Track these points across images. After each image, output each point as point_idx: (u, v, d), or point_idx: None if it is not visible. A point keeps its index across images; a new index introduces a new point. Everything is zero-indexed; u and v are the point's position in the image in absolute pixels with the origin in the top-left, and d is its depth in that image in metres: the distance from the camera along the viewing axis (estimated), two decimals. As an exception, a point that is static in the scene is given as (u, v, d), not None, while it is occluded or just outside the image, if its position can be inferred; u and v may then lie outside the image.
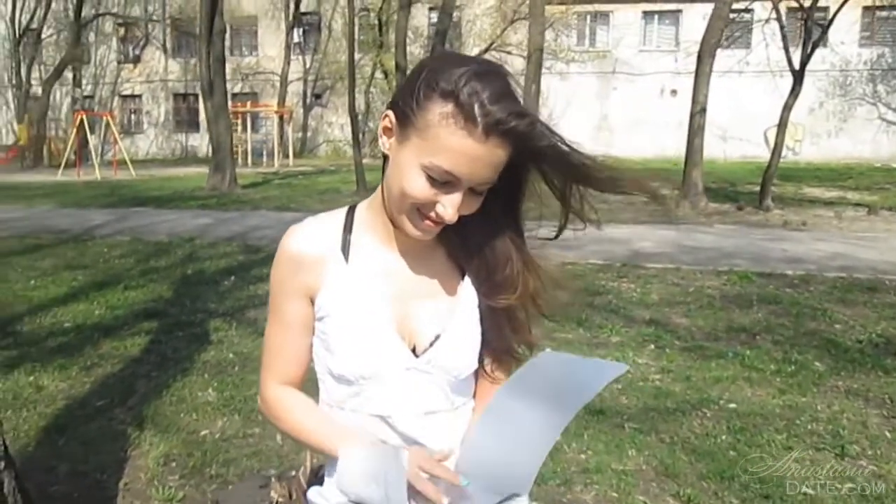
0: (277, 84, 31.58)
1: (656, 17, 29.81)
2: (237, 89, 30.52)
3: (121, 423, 3.40)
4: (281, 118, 28.44)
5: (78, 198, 14.53)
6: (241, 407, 3.63)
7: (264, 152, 26.92)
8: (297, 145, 30.56)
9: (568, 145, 1.09)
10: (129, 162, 21.28)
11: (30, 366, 4.20)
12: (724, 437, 3.38)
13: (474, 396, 1.27)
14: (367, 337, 1.15)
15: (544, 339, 4.22)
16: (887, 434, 3.43)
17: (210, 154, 16.78)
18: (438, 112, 1.01)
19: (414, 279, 1.20)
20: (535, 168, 1.13)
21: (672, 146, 21.20)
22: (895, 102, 28.18)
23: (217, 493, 1.88)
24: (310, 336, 1.23)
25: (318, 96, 33.13)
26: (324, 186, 17.04)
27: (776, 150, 13.12)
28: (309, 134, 33.16)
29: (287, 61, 31.20)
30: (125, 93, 34.42)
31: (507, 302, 1.19)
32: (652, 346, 4.79)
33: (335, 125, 32.89)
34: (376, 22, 28.22)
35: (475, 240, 1.19)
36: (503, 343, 1.23)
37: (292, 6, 31.40)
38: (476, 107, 0.99)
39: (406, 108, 1.05)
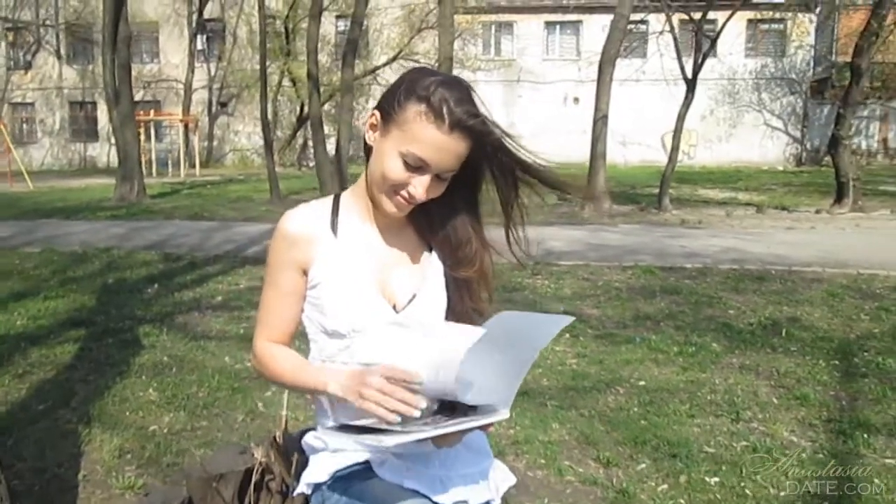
0: (181, 92, 30.88)
1: (558, 27, 30.87)
2: (139, 97, 29.43)
3: (68, 422, 3.47)
4: (186, 127, 27.84)
5: (-26, 211, 13.91)
6: (186, 404, 3.75)
7: (169, 162, 26.26)
8: (203, 154, 29.93)
9: (513, 141, 1.40)
10: (25, 173, 20.37)
11: (-42, 376, 4.17)
12: (635, 410, 3.76)
13: None
14: (356, 297, 1.41)
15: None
16: (774, 400, 3.90)
17: (111, 164, 16.35)
18: (415, 111, 1.32)
19: (390, 251, 1.49)
20: (486, 165, 1.43)
21: (576, 152, 22.10)
22: (778, 109, 30.17)
23: (205, 458, 2.06)
24: (300, 303, 1.48)
25: (223, 104, 32.54)
26: (235, 195, 16.88)
27: (673, 154, 13.96)
28: (215, 143, 32.50)
29: (191, 69, 30.56)
30: (16, 100, 32.77)
31: (466, 274, 1.49)
32: (567, 335, 5.14)
33: (242, 134, 32.39)
34: (283, 30, 28.05)
35: (439, 221, 1.49)
36: (462, 307, 1.52)
37: (195, 13, 30.82)
38: (444, 107, 1.31)
39: (389, 108, 1.36)
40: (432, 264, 1.50)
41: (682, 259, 8.13)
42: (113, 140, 21.19)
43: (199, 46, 31.29)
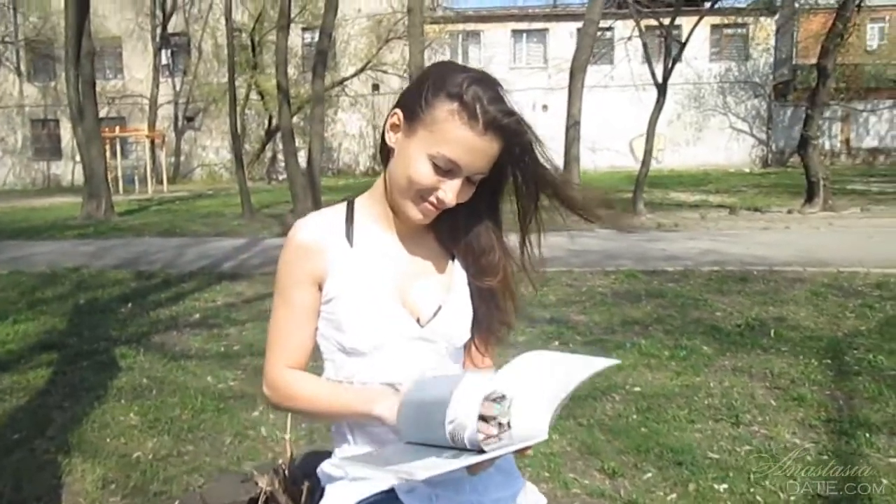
0: (146, 107, 30.48)
1: (525, 35, 31.05)
2: (103, 113, 28.92)
3: (45, 452, 3.30)
4: (152, 143, 27.43)
5: (-66, 233, 13.49)
6: (169, 428, 3.60)
7: (136, 178, 25.84)
8: (171, 170, 29.54)
9: (543, 151, 1.30)
10: (-13, 193, 19.91)
11: (-74, 406, 3.97)
12: (634, 417, 3.68)
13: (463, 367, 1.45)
14: (376, 311, 1.30)
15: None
16: (772, 402, 3.85)
17: (76, 182, 15.99)
18: (446, 109, 1.21)
19: (411, 260, 1.37)
20: (511, 169, 1.32)
21: (547, 158, 22.13)
22: (743, 112, 30.63)
23: (205, 489, 1.93)
24: (315, 321, 1.36)
25: (190, 119, 32.17)
26: (205, 210, 16.62)
27: (645, 158, 14.03)
28: (182, 158, 32.11)
29: (156, 84, 30.18)
30: (-24, 120, 32.12)
31: (491, 283, 1.38)
32: (556, 343, 5.07)
33: (210, 148, 32.05)
34: (249, 42, 27.81)
35: (462, 228, 1.38)
36: (487, 319, 1.41)
37: (159, 27, 30.45)
38: (478, 106, 1.20)
39: (415, 106, 1.24)
40: (457, 274, 1.39)
41: (664, 262, 8.12)
42: (77, 158, 20.80)
43: (163, 61, 30.92)
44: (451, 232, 1.38)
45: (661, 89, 13.80)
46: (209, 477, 3.02)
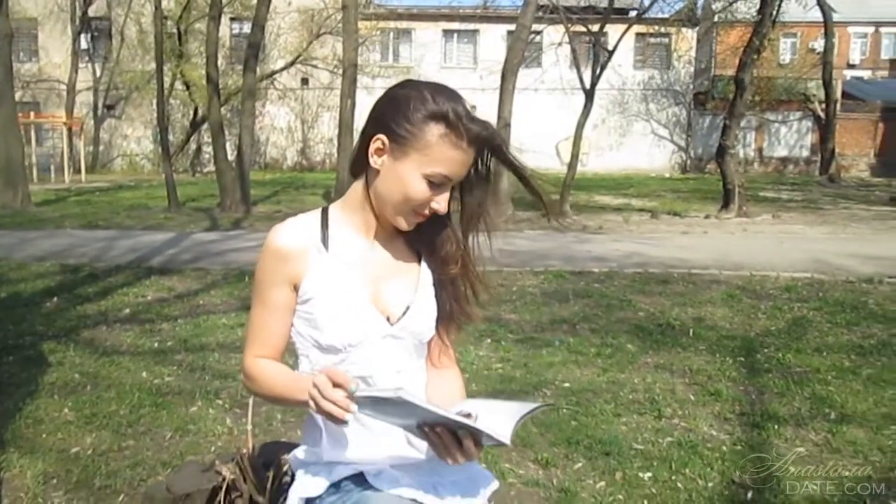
0: (63, 93, 29.24)
1: (455, 35, 31.30)
2: (17, 98, 27.83)
3: (-21, 449, 3.25)
4: (70, 130, 26.36)
5: None
6: (108, 423, 3.58)
7: (52, 167, 24.82)
8: (89, 159, 28.47)
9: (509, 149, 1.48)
10: None
11: None
12: (564, 411, 3.87)
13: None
14: (350, 312, 1.42)
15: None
16: (691, 397, 4.11)
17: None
18: (437, 134, 1.35)
19: (382, 263, 1.50)
20: (481, 168, 1.49)
21: (477, 158, 22.39)
22: (664, 119, 31.70)
23: (169, 478, 1.98)
24: (290, 318, 1.47)
25: (110, 107, 31.08)
26: (129, 202, 16.16)
27: (573, 161, 14.41)
28: (101, 147, 30.98)
29: (74, 69, 28.94)
30: None
31: (453, 272, 1.52)
32: (489, 340, 5.24)
33: (131, 138, 31.07)
34: (175, 31, 27.08)
35: (426, 227, 1.50)
36: (450, 311, 1.56)
37: (79, 10, 29.31)
38: (461, 125, 1.36)
39: (401, 131, 1.37)
40: (423, 274, 1.53)
41: (590, 263, 8.42)
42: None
43: (83, 45, 29.75)
44: (416, 233, 1.51)
45: (589, 94, 14.21)
46: (152, 471, 3.05)
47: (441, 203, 1.41)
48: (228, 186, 14.24)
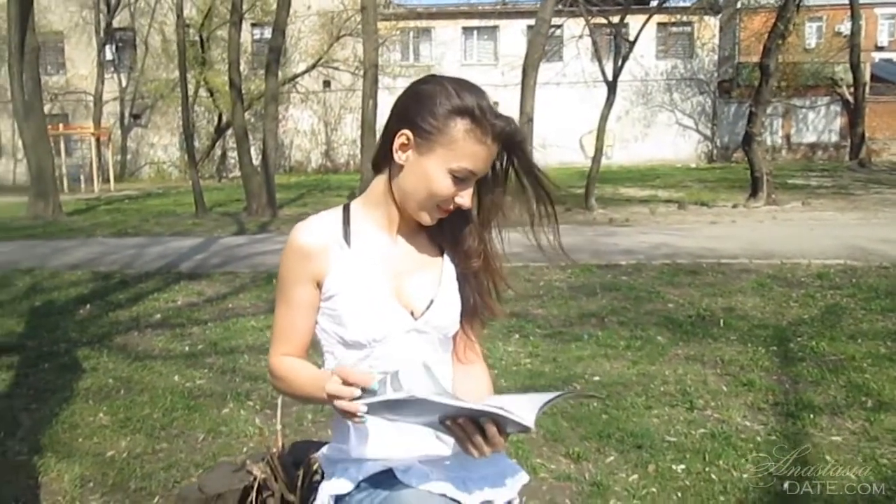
0: (91, 104, 29.72)
1: (475, 32, 31.24)
2: (45, 110, 28.36)
3: (17, 454, 3.30)
4: (98, 140, 26.80)
5: None
6: (141, 426, 3.63)
7: (81, 177, 25.26)
8: (117, 168, 28.92)
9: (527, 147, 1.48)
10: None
11: None
12: (595, 405, 3.84)
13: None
14: (374, 307, 1.42)
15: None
16: (723, 388, 4.06)
17: (17, 181, 15.55)
18: (462, 129, 1.36)
19: (405, 258, 1.50)
20: (504, 163, 1.48)
21: (500, 155, 22.36)
22: (689, 108, 31.35)
23: (201, 478, 2.01)
24: (314, 316, 1.48)
25: (136, 116, 31.52)
26: (157, 209, 16.38)
27: (597, 155, 14.32)
28: (129, 156, 31.45)
29: (101, 80, 29.41)
30: None
31: (475, 266, 1.52)
32: (517, 336, 5.22)
33: (158, 146, 31.48)
34: (198, 38, 27.38)
35: (447, 222, 1.50)
36: (474, 305, 1.55)
37: (103, 21, 29.75)
38: (485, 121, 1.36)
39: (425, 125, 1.37)
40: (446, 269, 1.53)
41: (617, 256, 8.36)
42: (20, 156, 20.21)
43: (108, 56, 30.21)
44: (438, 228, 1.51)
45: (612, 87, 14.11)
46: (186, 473, 3.08)
47: (465, 198, 1.41)
48: (254, 190, 14.36)
